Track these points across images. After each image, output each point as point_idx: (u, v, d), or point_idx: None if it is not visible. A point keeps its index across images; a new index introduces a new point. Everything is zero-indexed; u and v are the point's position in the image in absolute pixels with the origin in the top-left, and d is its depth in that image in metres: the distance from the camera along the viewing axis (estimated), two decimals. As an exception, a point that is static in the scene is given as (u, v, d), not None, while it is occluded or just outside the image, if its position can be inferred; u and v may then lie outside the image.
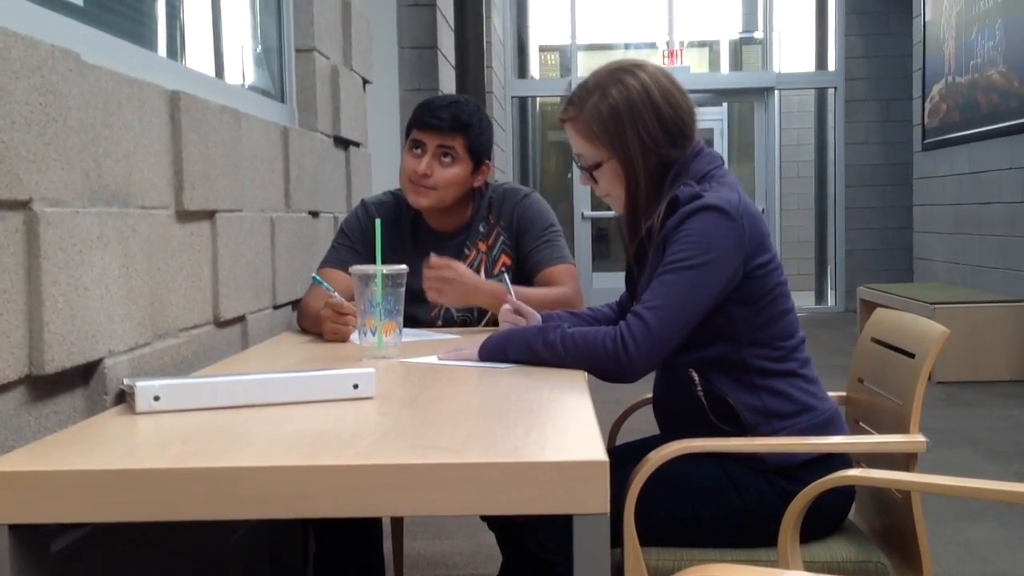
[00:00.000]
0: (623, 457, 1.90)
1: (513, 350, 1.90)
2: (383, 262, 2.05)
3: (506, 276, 2.30)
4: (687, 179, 1.88)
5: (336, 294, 2.25)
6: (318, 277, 2.30)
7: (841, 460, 1.86)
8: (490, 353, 1.92)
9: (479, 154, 2.51)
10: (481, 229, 2.56)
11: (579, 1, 11.01)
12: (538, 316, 2.11)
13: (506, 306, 2.17)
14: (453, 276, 2.32)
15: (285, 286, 2.61)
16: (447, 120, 2.46)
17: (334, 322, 2.26)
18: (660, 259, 1.84)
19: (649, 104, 1.87)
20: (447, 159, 2.47)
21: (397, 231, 2.55)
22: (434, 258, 2.35)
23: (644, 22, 12.06)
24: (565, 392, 1.64)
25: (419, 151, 2.49)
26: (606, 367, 1.81)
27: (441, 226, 2.57)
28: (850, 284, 10.00)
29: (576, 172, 2.01)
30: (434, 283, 2.33)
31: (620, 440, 2.24)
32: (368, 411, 1.48)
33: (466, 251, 2.55)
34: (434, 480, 1.17)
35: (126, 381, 1.56)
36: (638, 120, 1.87)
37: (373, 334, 2.01)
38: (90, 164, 1.58)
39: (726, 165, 1.97)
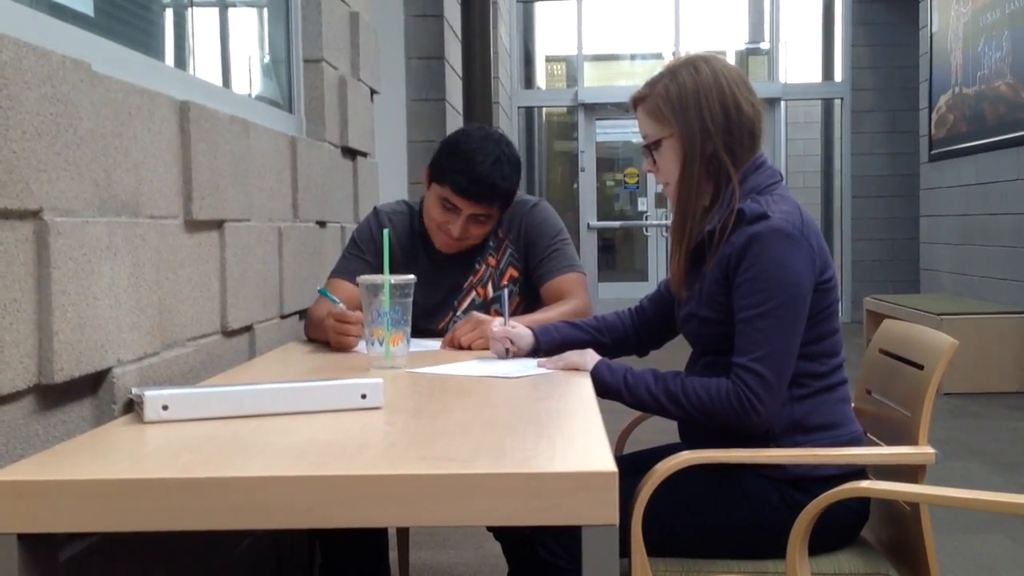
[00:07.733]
0: (632, 466, 1.90)
1: (633, 384, 1.90)
2: (395, 273, 2.05)
3: (504, 295, 2.27)
4: (746, 191, 1.89)
5: (341, 304, 2.24)
6: (324, 290, 2.28)
7: (861, 478, 1.85)
8: (610, 372, 1.92)
9: (510, 204, 2.50)
10: (491, 244, 2.55)
11: (585, 12, 11.03)
12: (528, 337, 2.11)
13: (497, 322, 2.17)
14: (481, 319, 2.28)
15: (292, 295, 2.62)
16: (487, 196, 2.40)
17: (338, 332, 2.25)
18: (723, 273, 1.85)
19: (715, 91, 1.91)
20: (481, 219, 2.45)
21: (410, 244, 2.54)
22: (459, 331, 2.30)
23: (650, 32, 12.09)
24: (573, 402, 1.64)
25: (450, 207, 2.43)
26: (735, 423, 1.83)
27: None
28: (856, 295, 9.98)
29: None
30: (476, 339, 2.26)
31: (627, 450, 2.24)
32: (376, 421, 1.48)
33: (476, 266, 2.55)
34: (442, 491, 1.17)
35: (135, 390, 1.56)
36: (702, 102, 1.91)
37: (381, 344, 2.01)
38: (100, 174, 1.59)
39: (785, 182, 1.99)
